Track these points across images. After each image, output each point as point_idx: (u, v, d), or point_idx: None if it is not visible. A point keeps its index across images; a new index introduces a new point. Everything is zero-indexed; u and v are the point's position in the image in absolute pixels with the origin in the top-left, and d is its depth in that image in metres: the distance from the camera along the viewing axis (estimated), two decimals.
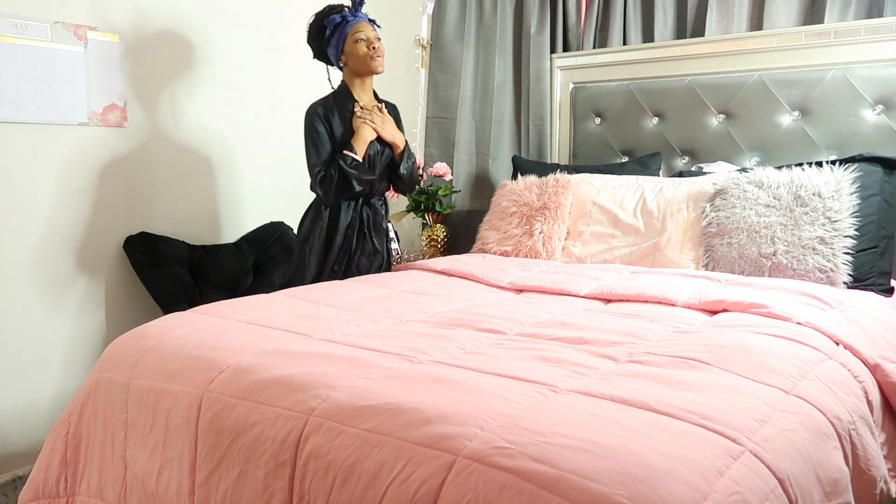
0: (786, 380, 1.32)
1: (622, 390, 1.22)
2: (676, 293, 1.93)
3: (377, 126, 2.49)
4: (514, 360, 1.41)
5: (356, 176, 2.42)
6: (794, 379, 1.34)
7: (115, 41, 2.69)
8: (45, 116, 2.51)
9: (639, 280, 2.11)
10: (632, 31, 2.95)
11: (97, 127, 2.66)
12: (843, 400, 1.35)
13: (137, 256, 2.72)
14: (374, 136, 2.49)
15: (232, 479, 1.28)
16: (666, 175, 2.82)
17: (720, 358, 1.39)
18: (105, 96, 2.67)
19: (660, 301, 1.92)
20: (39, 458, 1.70)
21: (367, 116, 2.48)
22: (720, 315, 1.79)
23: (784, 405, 1.23)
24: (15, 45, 2.43)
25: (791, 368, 1.38)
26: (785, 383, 1.31)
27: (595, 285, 2.09)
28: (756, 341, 1.50)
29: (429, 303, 1.95)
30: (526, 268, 2.38)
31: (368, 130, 2.47)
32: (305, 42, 2.68)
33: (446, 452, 1.05)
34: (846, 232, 2.12)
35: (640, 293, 1.97)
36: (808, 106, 2.54)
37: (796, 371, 1.37)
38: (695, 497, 0.93)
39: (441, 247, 3.19)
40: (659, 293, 1.94)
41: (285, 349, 1.49)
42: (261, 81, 3.23)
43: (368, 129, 2.47)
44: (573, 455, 0.98)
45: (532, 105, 3.14)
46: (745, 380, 1.31)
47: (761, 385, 1.29)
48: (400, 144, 2.56)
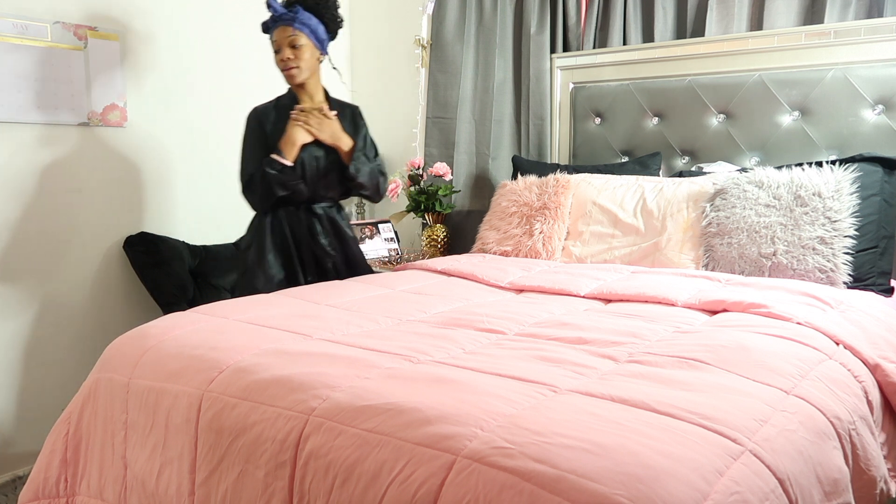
0: (786, 380, 1.32)
1: (622, 390, 1.22)
2: (676, 293, 1.93)
3: (312, 128, 2.35)
4: (514, 359, 1.41)
5: (278, 179, 2.31)
6: (794, 379, 1.34)
7: (115, 41, 2.69)
8: (45, 117, 2.52)
9: (639, 280, 2.11)
10: (632, 31, 2.95)
11: (97, 127, 2.66)
12: (843, 400, 1.35)
13: (137, 256, 2.72)
14: (307, 139, 2.35)
15: (232, 479, 1.28)
16: (666, 175, 2.81)
17: (720, 358, 1.39)
18: (105, 96, 2.67)
19: (660, 301, 1.92)
20: (39, 459, 1.70)
21: (302, 118, 2.35)
22: (720, 315, 1.79)
23: (784, 405, 1.23)
24: (15, 45, 2.43)
25: (791, 368, 1.38)
26: (785, 383, 1.31)
27: (595, 285, 2.09)
28: (756, 341, 1.50)
29: (429, 303, 1.95)
30: (526, 268, 2.38)
31: (301, 133, 2.34)
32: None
33: (446, 452, 1.05)
34: (846, 232, 2.12)
35: (640, 293, 1.97)
36: (808, 106, 2.54)
37: (796, 371, 1.37)
38: (695, 497, 0.93)
39: (441, 247, 3.19)
40: (659, 293, 1.94)
41: (285, 349, 1.49)
42: (260, 81, 3.23)
43: (301, 132, 2.34)
44: (573, 455, 0.98)
45: (532, 105, 3.14)
46: (745, 380, 1.30)
47: (761, 385, 1.29)
48: (344, 147, 2.40)
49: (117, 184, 2.74)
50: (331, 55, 2.50)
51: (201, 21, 2.97)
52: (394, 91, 3.54)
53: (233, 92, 3.11)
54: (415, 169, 3.22)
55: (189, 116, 2.96)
